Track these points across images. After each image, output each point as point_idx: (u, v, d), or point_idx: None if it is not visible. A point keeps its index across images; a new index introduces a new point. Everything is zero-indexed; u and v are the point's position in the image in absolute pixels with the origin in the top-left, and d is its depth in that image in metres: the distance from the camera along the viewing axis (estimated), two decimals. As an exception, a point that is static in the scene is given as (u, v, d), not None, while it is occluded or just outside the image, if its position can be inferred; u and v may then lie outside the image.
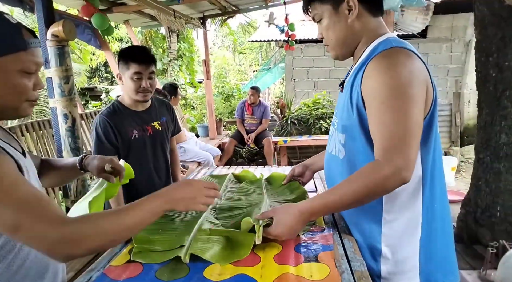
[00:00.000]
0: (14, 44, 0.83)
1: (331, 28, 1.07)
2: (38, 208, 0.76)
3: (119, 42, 10.92)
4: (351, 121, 1.04)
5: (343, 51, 1.10)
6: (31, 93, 0.90)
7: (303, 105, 6.51)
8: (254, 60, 19.16)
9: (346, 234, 1.17)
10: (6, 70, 0.83)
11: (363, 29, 1.05)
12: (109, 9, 4.08)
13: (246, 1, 5.20)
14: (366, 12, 1.05)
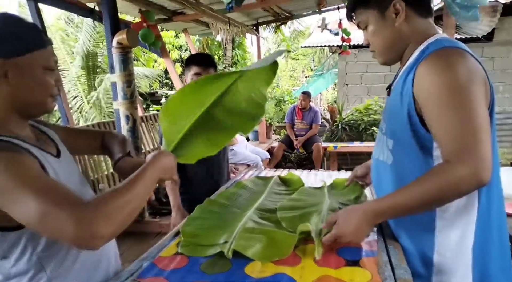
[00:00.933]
0: (36, 42, 0.89)
1: (377, 34, 1.05)
2: (59, 195, 0.76)
3: (178, 50, 11.45)
4: (400, 126, 1.01)
5: (391, 56, 1.08)
6: (54, 89, 0.94)
7: (354, 110, 6.36)
8: (307, 66, 19.07)
9: (392, 241, 1.14)
10: (33, 67, 0.88)
11: (412, 32, 1.03)
12: (169, 19, 4.33)
13: (299, 7, 5.23)
14: (414, 14, 1.02)
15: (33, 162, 0.83)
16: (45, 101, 0.93)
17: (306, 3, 4.97)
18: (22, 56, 0.86)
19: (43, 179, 0.80)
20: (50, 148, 0.99)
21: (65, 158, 1.02)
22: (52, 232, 0.75)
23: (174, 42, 11.07)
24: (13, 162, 0.78)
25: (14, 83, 0.87)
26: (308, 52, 17.85)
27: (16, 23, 0.88)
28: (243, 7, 4.34)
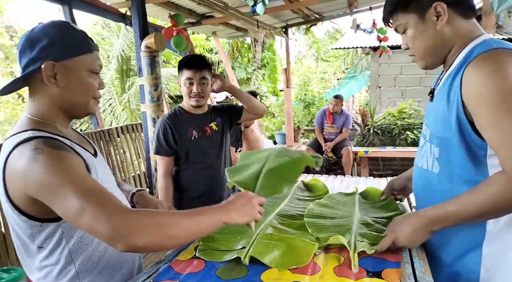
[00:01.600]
0: (83, 47, 0.95)
1: (418, 38, 1.00)
2: (102, 197, 0.81)
3: (209, 53, 11.63)
4: (448, 133, 0.95)
5: (433, 60, 1.03)
6: (97, 91, 1.00)
7: (387, 114, 6.16)
8: (338, 68, 18.80)
9: (418, 252, 1.08)
10: (79, 70, 0.95)
11: (455, 34, 0.97)
12: (198, 22, 4.40)
13: (329, 8, 5.15)
14: (456, 16, 0.96)
15: (78, 161, 0.89)
16: (88, 103, 0.99)
17: (337, 4, 4.89)
18: (70, 59, 0.93)
19: (87, 178, 0.85)
20: (89, 147, 1.06)
21: (100, 158, 1.09)
22: (89, 229, 0.79)
23: (204, 45, 11.25)
24: (60, 159, 0.83)
25: (62, 84, 0.93)
26: (340, 54, 17.58)
27: (66, 29, 0.95)
28: (272, 9, 4.34)
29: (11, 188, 0.86)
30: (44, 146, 0.84)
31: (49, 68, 0.90)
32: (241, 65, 10.22)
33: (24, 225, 0.90)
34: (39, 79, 0.92)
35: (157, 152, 1.87)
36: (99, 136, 2.54)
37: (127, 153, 2.82)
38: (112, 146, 2.64)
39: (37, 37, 0.91)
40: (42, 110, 0.95)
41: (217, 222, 0.92)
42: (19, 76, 0.93)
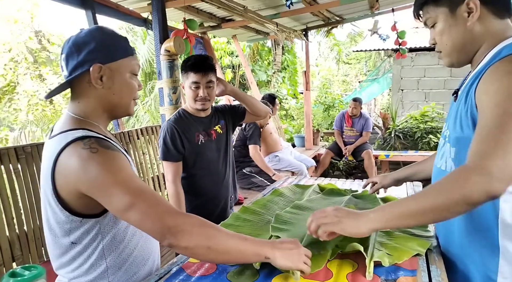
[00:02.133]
0: (126, 50, 1.02)
1: (446, 33, 0.97)
2: (152, 196, 0.89)
3: (230, 56, 11.71)
4: (465, 133, 0.92)
5: (460, 57, 0.99)
6: (136, 93, 1.07)
7: (409, 117, 6.03)
8: (360, 70, 18.56)
9: (436, 260, 1.05)
10: (123, 72, 1.01)
11: (485, 33, 0.93)
12: (219, 26, 4.43)
13: (350, 10, 5.09)
14: (489, 14, 0.92)
15: (126, 161, 0.95)
16: (129, 103, 1.06)
17: (358, 6, 4.83)
18: (115, 62, 0.99)
19: (136, 178, 0.92)
20: (122, 147, 1.11)
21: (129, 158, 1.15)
22: (138, 223, 0.88)
23: (225, 48, 11.34)
24: (113, 158, 0.91)
25: (107, 85, 0.99)
26: (361, 56, 17.35)
27: (111, 34, 1.01)
28: (292, 12, 4.33)
29: (61, 183, 0.91)
30: (98, 145, 0.90)
31: (96, 70, 0.96)
32: (261, 68, 10.24)
33: (64, 220, 0.95)
34: (86, 81, 0.97)
35: (164, 158, 1.80)
36: (119, 138, 2.59)
37: (146, 154, 2.87)
38: (132, 148, 2.69)
39: (83, 41, 0.96)
40: (87, 110, 1.00)
41: (260, 254, 0.93)
42: (66, 80, 0.98)
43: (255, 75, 9.60)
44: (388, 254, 1.05)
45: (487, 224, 0.91)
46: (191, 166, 1.85)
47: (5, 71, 8.60)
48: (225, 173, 1.95)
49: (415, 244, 1.11)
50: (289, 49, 10.06)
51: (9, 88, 8.68)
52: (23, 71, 8.67)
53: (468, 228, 0.97)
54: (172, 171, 1.80)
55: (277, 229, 1.23)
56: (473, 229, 0.95)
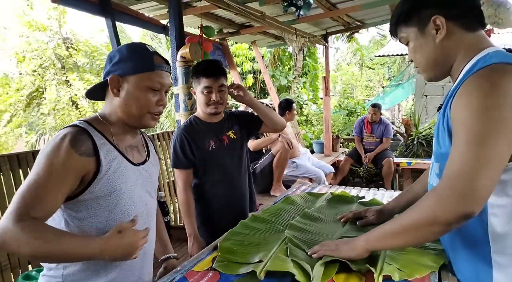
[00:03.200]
0: (145, 66, 1.07)
1: (418, 51, 1.00)
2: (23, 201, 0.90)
3: (251, 61, 11.77)
4: (445, 149, 0.92)
5: (435, 72, 1.02)
6: (153, 107, 1.10)
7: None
8: (384, 76, 18.26)
9: (448, 277, 1.00)
10: (138, 86, 1.07)
11: (457, 47, 0.95)
12: (237, 32, 4.46)
13: (371, 15, 5.01)
14: (459, 28, 0.93)
15: (73, 166, 0.97)
16: (141, 116, 1.10)
17: (379, 11, 4.75)
18: (132, 75, 1.06)
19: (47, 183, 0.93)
20: (136, 156, 1.16)
21: (147, 168, 1.19)
22: None
23: (247, 54, 11.41)
24: (53, 156, 0.95)
25: (121, 95, 1.07)
26: (385, 61, 17.09)
27: (135, 49, 1.10)
28: (311, 17, 4.30)
29: None
30: (69, 137, 0.98)
31: (114, 80, 1.06)
32: (282, 73, 10.23)
33: None
34: (109, 88, 1.08)
35: (175, 165, 1.82)
36: (135, 143, 2.63)
37: (162, 160, 2.89)
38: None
39: (113, 54, 1.09)
40: (105, 112, 1.11)
41: (89, 256, 0.95)
42: (97, 83, 1.12)
43: (275, 80, 9.60)
44: (399, 269, 1.00)
45: (478, 239, 0.90)
46: (202, 173, 1.84)
47: (34, 77, 8.95)
48: (239, 179, 1.93)
49: (429, 259, 1.06)
50: (310, 54, 10.02)
51: (37, 93, 9.03)
52: (51, 77, 8.99)
53: (460, 243, 0.96)
54: (183, 179, 1.81)
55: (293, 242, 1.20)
56: (465, 244, 0.94)
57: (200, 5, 3.10)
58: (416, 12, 0.97)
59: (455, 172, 0.80)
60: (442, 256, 1.08)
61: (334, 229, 1.34)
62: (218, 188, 1.86)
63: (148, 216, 1.20)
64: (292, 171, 3.86)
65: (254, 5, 3.38)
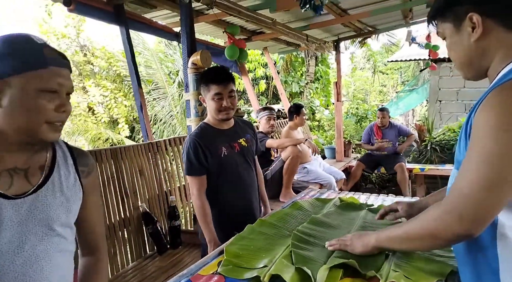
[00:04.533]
0: (33, 61, 0.82)
1: (453, 48, 0.95)
2: None
3: (264, 67, 11.83)
4: (463, 156, 0.88)
5: (471, 72, 0.96)
6: (51, 114, 0.84)
7: (447, 129, 5.77)
8: (398, 81, 18.07)
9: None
10: (24, 88, 0.80)
11: (495, 47, 0.88)
12: (249, 38, 4.50)
13: (384, 21, 4.99)
14: (498, 27, 0.87)
15: None
16: (37, 128, 0.84)
17: (391, 16, 4.73)
18: (15, 76, 0.80)
19: None
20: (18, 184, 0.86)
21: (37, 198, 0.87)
22: None
23: (260, 60, 11.47)
24: None
25: (4, 103, 0.81)
26: (398, 66, 16.91)
27: (16, 43, 0.82)
28: (322, 23, 4.32)
29: None
30: None
31: None
32: (294, 78, 10.24)
33: None
34: None
35: (189, 173, 1.80)
36: (147, 148, 2.67)
37: (174, 164, 2.94)
38: (160, 158, 2.77)
39: None
40: None
41: None
42: None
43: (288, 86, 9.61)
44: (405, 276, 1.00)
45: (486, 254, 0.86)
46: (215, 179, 1.85)
47: (52, 83, 9.17)
48: (250, 186, 1.94)
49: (436, 267, 1.06)
50: (322, 59, 10.01)
51: (55, 99, 9.24)
52: (69, 83, 9.22)
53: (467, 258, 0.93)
54: (197, 185, 1.80)
55: (298, 247, 1.22)
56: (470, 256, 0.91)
57: (212, 12, 3.15)
58: (452, 8, 0.91)
59: (460, 191, 0.79)
60: (449, 264, 1.07)
61: (340, 234, 1.35)
62: (230, 194, 1.87)
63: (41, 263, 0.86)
64: (303, 176, 3.85)
65: (265, 12, 3.41)
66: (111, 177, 2.35)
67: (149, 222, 2.48)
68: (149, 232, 2.48)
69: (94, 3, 2.56)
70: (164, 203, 2.71)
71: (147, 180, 2.61)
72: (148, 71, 9.27)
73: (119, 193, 2.39)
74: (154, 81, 9.24)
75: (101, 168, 2.28)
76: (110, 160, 2.37)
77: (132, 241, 2.43)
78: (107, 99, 9.55)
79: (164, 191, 2.73)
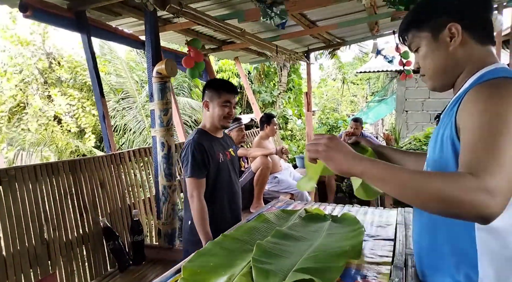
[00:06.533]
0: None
1: (429, 57, 0.98)
2: None
3: (237, 77, 11.83)
4: (443, 156, 0.90)
5: (442, 82, 1.00)
6: None
7: (413, 139, 5.93)
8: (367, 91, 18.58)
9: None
10: None
11: (467, 58, 0.93)
12: (219, 48, 4.48)
13: (351, 33, 5.11)
14: (471, 40, 0.92)
15: None
16: None
17: (358, 29, 4.85)
18: None
19: None
20: None
21: None
22: None
23: (233, 69, 11.48)
24: None
25: None
26: (369, 76, 17.40)
27: None
28: (292, 34, 4.36)
29: None
30: None
31: None
32: (267, 88, 10.29)
33: None
34: None
35: (192, 174, 1.83)
36: (109, 160, 2.57)
37: (138, 176, 2.84)
38: (123, 170, 2.67)
39: None
40: None
41: None
42: None
43: (259, 96, 9.65)
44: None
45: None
46: (211, 183, 1.91)
47: (15, 92, 8.80)
48: (237, 193, 2.07)
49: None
50: (294, 70, 10.14)
51: (18, 108, 8.86)
52: (33, 92, 8.86)
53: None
54: (199, 188, 1.85)
55: (259, 261, 1.17)
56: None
57: (180, 21, 3.10)
58: (431, 18, 0.95)
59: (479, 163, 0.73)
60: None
61: (305, 246, 1.32)
62: (223, 198, 1.97)
63: None
64: (274, 186, 3.83)
65: (234, 21, 3.40)
66: (69, 191, 2.23)
67: (110, 237, 2.36)
68: (110, 248, 2.37)
69: (53, 9, 2.45)
70: (127, 217, 2.60)
71: (109, 193, 2.50)
72: (118, 80, 9.05)
73: (78, 208, 2.27)
74: (124, 90, 9.03)
75: (58, 182, 2.16)
76: (68, 173, 2.25)
77: (92, 259, 2.31)
78: (74, 108, 9.24)
79: (127, 205, 2.62)
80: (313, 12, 3.76)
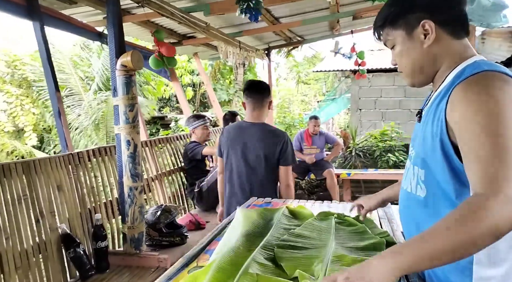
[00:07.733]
0: None
1: (405, 55, 0.97)
2: None
3: (190, 74, 11.55)
4: (433, 156, 0.90)
5: (420, 78, 1.00)
6: None
7: (369, 136, 6.18)
8: (319, 91, 19.11)
9: None
10: None
11: (444, 54, 0.94)
12: (179, 42, 4.31)
13: (311, 31, 5.19)
14: (446, 35, 0.92)
15: None
16: None
17: (319, 27, 4.93)
18: None
19: None
20: None
21: None
22: None
23: (186, 66, 11.19)
24: None
25: None
26: (319, 77, 17.91)
27: None
28: (254, 30, 4.31)
29: None
30: None
31: None
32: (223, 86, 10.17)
33: None
34: None
35: (294, 161, 2.35)
36: (67, 160, 2.34)
37: (99, 178, 2.62)
38: (82, 171, 2.45)
39: None
40: None
41: None
42: None
43: (216, 93, 9.52)
44: None
45: None
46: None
47: None
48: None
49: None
50: (250, 68, 10.13)
51: None
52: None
53: None
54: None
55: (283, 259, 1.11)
56: None
57: (141, 11, 2.92)
58: (404, 16, 0.94)
59: (496, 175, 0.72)
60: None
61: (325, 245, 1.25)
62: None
63: None
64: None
65: (199, 15, 3.28)
66: (23, 195, 1.99)
67: (70, 245, 2.15)
68: (70, 256, 2.15)
69: (0, -8, 2.18)
70: (88, 223, 2.39)
71: (67, 197, 2.27)
72: (61, 76, 8.41)
73: (33, 213, 2.03)
74: (68, 86, 8.40)
75: (10, 185, 1.92)
76: (21, 175, 2.01)
77: (50, 268, 2.08)
78: (11, 105, 8.45)
79: (88, 209, 2.41)
80: (277, 8, 3.74)
